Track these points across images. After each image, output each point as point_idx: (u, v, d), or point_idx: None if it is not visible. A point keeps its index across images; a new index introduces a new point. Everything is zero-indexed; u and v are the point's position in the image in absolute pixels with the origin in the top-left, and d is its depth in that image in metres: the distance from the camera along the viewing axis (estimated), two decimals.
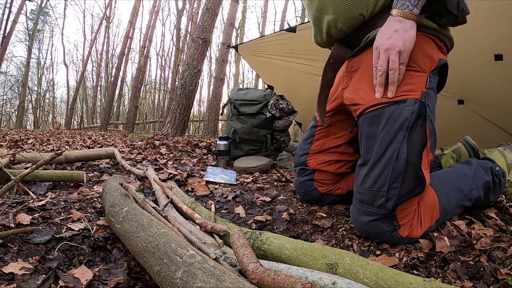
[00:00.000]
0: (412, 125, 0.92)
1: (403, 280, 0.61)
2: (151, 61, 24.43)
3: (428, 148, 0.97)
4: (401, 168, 0.92)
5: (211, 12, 4.56)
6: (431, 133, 0.96)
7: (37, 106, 17.32)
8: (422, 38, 0.97)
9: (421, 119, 0.93)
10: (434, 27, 0.98)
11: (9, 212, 1.01)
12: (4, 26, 9.88)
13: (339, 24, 1.07)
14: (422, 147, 0.94)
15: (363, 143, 1.02)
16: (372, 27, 1.03)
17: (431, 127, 0.96)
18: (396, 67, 0.92)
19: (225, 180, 1.71)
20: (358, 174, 1.03)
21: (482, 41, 1.88)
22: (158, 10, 14.56)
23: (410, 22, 0.91)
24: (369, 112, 0.99)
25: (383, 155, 0.94)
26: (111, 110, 13.04)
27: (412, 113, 0.92)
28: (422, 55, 0.96)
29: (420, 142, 0.94)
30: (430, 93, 0.96)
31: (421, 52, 0.97)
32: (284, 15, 14.60)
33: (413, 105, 0.92)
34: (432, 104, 0.98)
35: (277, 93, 2.39)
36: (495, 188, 1.17)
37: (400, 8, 0.92)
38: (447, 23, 0.99)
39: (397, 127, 0.93)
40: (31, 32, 15.06)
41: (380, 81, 0.95)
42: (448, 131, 2.43)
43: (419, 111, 0.92)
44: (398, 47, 0.90)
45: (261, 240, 0.86)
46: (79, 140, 3.69)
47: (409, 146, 0.92)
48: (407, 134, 0.92)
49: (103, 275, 0.81)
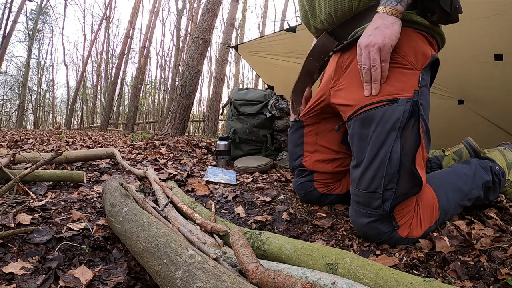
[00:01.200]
0: (404, 125, 0.91)
1: (403, 280, 0.61)
2: (151, 61, 24.44)
3: (424, 147, 0.96)
4: (394, 169, 0.91)
5: (211, 12, 4.56)
6: (425, 132, 0.95)
7: (37, 106, 17.32)
8: (413, 34, 0.96)
9: (414, 118, 0.92)
10: (426, 23, 0.97)
11: (9, 212, 1.01)
12: (4, 26, 9.89)
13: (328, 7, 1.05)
14: (415, 147, 0.93)
15: (355, 144, 1.01)
16: (360, 23, 1.01)
17: (424, 126, 0.94)
18: (377, 64, 0.91)
19: (225, 180, 1.71)
20: (352, 176, 1.02)
21: (482, 41, 1.88)
22: (158, 10, 14.57)
23: (392, 18, 0.90)
24: (360, 113, 0.97)
25: (375, 156, 0.93)
26: (111, 110, 13.04)
27: (404, 112, 0.90)
28: (414, 52, 0.95)
29: (413, 142, 0.93)
30: (423, 91, 0.95)
31: (413, 48, 0.95)
32: (284, 15, 14.61)
33: (405, 104, 0.91)
34: (426, 102, 0.96)
35: (277, 93, 2.39)
36: (495, 187, 1.17)
37: (384, 5, 0.91)
38: (439, 21, 0.97)
39: (389, 128, 0.92)
40: (31, 32, 15.06)
41: (366, 79, 0.94)
42: (448, 131, 2.44)
43: (411, 110, 0.91)
44: (378, 43, 0.89)
45: (261, 240, 0.86)
46: (79, 140, 3.69)
47: (402, 146, 0.91)
48: (399, 134, 0.91)
49: (103, 275, 0.81)
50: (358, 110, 0.98)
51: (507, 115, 2.16)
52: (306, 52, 1.19)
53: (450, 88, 2.28)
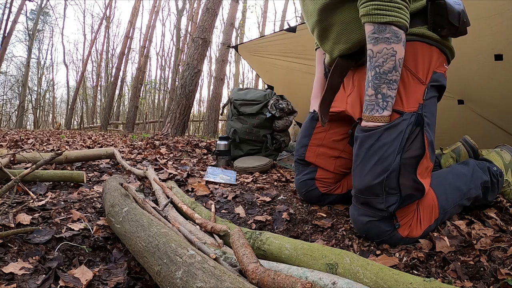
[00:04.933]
0: (408, 136, 0.94)
1: (403, 280, 0.61)
2: (151, 61, 24.35)
3: (428, 157, 0.98)
4: (394, 175, 0.93)
5: (211, 12, 4.56)
6: (429, 143, 0.97)
7: (37, 106, 17.31)
8: (424, 48, 0.99)
9: (418, 130, 0.95)
10: (436, 37, 1.00)
11: (9, 212, 1.01)
12: (4, 26, 9.88)
13: (340, 51, 1.11)
14: (419, 156, 0.95)
15: (357, 147, 1.02)
16: None
17: (429, 136, 0.97)
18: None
19: (225, 180, 1.71)
20: (352, 179, 1.04)
21: (482, 41, 1.88)
22: (158, 10, 14.56)
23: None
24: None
25: (375, 164, 0.95)
26: (111, 110, 13.04)
27: (408, 126, 0.93)
28: (422, 66, 0.98)
29: (416, 152, 0.95)
30: (427, 104, 0.98)
31: (421, 63, 0.98)
32: (284, 15, 14.61)
33: (410, 118, 0.94)
34: (431, 114, 0.99)
35: (277, 93, 2.39)
36: (493, 187, 1.18)
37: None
38: (448, 34, 1.01)
39: (393, 138, 0.94)
40: (31, 32, 15.05)
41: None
42: (448, 131, 2.44)
43: (416, 122, 0.94)
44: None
45: (261, 240, 0.86)
46: (79, 140, 3.69)
47: (404, 157, 0.93)
48: (402, 144, 0.93)
49: (103, 275, 0.81)
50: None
51: (507, 115, 2.16)
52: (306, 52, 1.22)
53: (450, 88, 2.26)
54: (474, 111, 2.32)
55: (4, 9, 10.20)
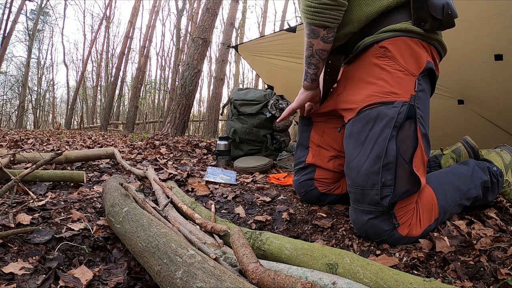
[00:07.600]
0: (400, 125, 0.95)
1: (403, 280, 0.61)
2: (151, 61, 24.43)
3: (422, 150, 0.99)
4: (391, 165, 0.94)
5: (211, 12, 4.56)
6: (423, 135, 0.98)
7: (37, 106, 17.32)
8: (409, 42, 1.00)
9: (411, 121, 0.96)
10: (420, 31, 1.00)
11: (9, 212, 1.01)
12: (4, 26, 9.89)
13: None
14: (413, 147, 0.96)
15: (351, 143, 1.04)
16: (361, 38, 1.07)
17: (422, 129, 0.98)
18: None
19: (225, 180, 1.71)
20: (348, 175, 1.05)
21: (482, 41, 1.88)
22: (158, 10, 14.56)
23: (301, 89, 1.22)
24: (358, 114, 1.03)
25: (371, 152, 0.97)
26: (111, 110, 13.04)
27: (399, 114, 0.95)
28: (409, 59, 0.99)
29: (410, 142, 0.96)
30: (420, 96, 0.99)
31: (408, 55, 0.99)
32: (284, 15, 14.62)
33: (400, 106, 0.95)
34: (424, 107, 1.00)
35: (277, 93, 2.39)
36: (493, 187, 1.18)
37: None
38: (433, 28, 1.01)
39: (383, 125, 0.96)
40: (31, 32, 15.05)
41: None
42: (448, 131, 2.44)
43: (407, 112, 0.95)
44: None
45: (261, 240, 0.86)
46: (79, 140, 3.69)
47: (398, 145, 0.95)
48: (395, 133, 0.95)
49: (103, 275, 0.81)
50: (358, 113, 1.03)
51: (507, 115, 2.16)
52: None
53: (450, 88, 2.27)
54: (474, 111, 2.32)
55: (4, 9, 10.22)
